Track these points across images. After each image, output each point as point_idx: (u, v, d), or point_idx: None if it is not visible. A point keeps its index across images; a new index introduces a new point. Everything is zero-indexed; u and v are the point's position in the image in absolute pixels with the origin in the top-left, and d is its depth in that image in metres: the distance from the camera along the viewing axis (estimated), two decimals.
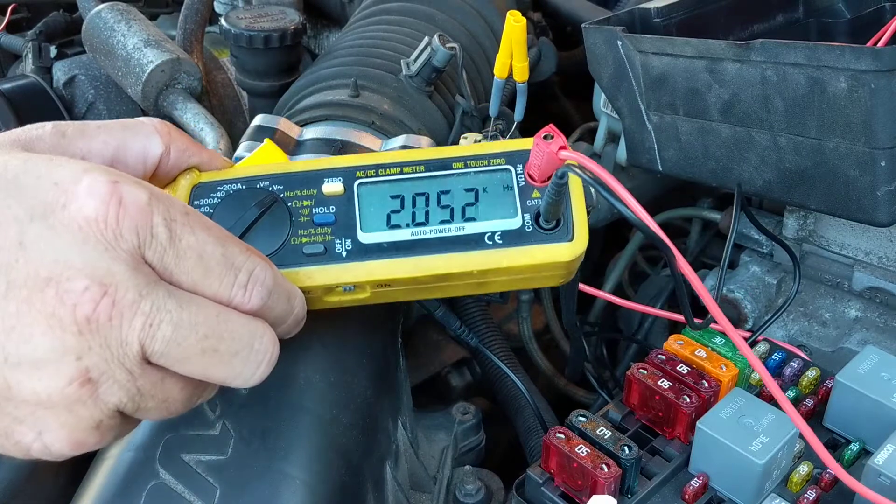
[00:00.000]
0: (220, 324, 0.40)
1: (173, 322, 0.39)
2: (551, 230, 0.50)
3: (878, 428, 0.52)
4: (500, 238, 0.50)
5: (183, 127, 0.92)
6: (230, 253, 0.42)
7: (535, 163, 0.49)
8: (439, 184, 0.51)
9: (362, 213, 0.50)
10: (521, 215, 0.50)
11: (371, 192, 0.51)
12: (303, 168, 0.51)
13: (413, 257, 0.49)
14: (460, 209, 0.50)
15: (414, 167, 0.51)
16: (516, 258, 0.50)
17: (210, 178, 0.50)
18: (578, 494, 0.50)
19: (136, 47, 0.91)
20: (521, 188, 0.51)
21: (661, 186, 0.94)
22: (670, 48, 0.67)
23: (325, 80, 0.82)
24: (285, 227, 0.49)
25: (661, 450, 0.53)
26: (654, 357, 0.56)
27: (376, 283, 0.49)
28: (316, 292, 0.49)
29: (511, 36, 0.67)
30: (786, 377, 0.59)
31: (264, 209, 0.49)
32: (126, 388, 0.39)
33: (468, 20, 0.96)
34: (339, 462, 0.53)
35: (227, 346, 0.41)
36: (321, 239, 0.49)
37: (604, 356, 0.97)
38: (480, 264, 0.49)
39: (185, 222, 0.40)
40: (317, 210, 0.50)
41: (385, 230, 0.49)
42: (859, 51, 0.55)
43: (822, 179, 0.63)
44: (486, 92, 0.83)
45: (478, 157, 0.52)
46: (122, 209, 0.38)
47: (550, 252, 0.50)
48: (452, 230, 0.50)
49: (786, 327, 0.75)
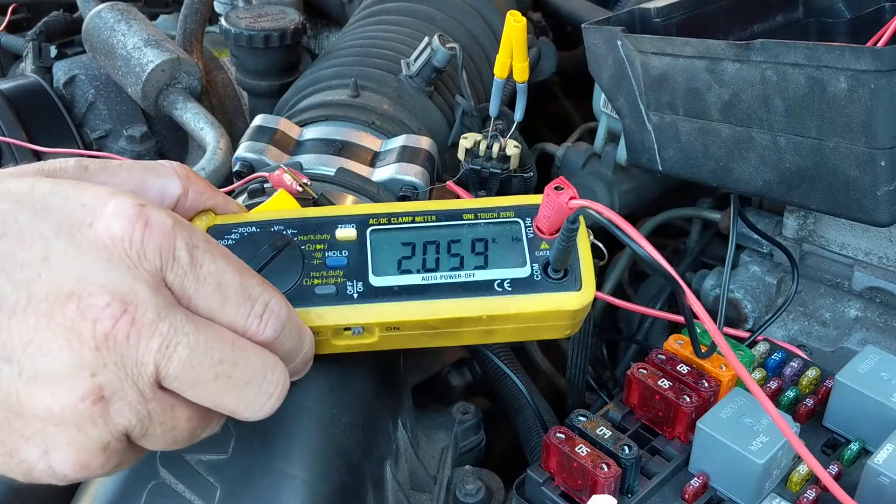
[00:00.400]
0: (235, 351, 0.41)
1: (190, 345, 0.39)
2: (560, 279, 0.51)
3: (877, 427, 0.52)
4: (510, 285, 0.51)
5: (183, 126, 0.92)
6: (248, 283, 0.42)
7: (546, 214, 0.51)
8: (450, 233, 0.53)
9: (374, 258, 0.51)
10: (530, 265, 0.52)
11: (383, 239, 0.52)
12: (317, 214, 0.53)
13: (423, 301, 0.50)
14: (470, 257, 0.52)
15: (426, 217, 0.53)
16: (525, 305, 0.51)
17: (225, 220, 0.51)
18: (578, 494, 0.50)
19: (136, 47, 0.91)
20: (530, 240, 0.53)
21: (661, 186, 0.94)
22: (670, 48, 0.67)
23: (325, 80, 0.82)
24: (298, 268, 0.50)
25: (661, 449, 0.53)
26: (655, 357, 0.56)
27: (386, 325, 0.50)
28: (325, 333, 0.50)
29: (511, 36, 0.67)
30: (786, 377, 0.59)
31: (278, 251, 0.50)
32: (136, 409, 0.39)
33: (468, 20, 0.96)
34: (339, 462, 0.53)
35: (241, 374, 0.41)
36: (333, 281, 0.50)
37: (604, 356, 0.97)
38: (490, 309, 0.50)
39: (207, 249, 0.41)
40: (329, 254, 0.51)
41: (396, 275, 0.51)
42: (859, 51, 0.56)
43: (822, 179, 0.63)
44: (486, 92, 0.83)
45: (488, 209, 0.54)
46: (148, 230, 0.39)
47: (559, 300, 0.51)
48: (462, 276, 0.51)
49: (786, 327, 0.75)
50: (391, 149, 0.71)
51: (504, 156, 0.70)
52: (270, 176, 0.62)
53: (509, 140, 0.71)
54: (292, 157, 0.70)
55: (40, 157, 0.92)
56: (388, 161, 0.70)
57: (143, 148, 0.95)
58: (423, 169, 0.69)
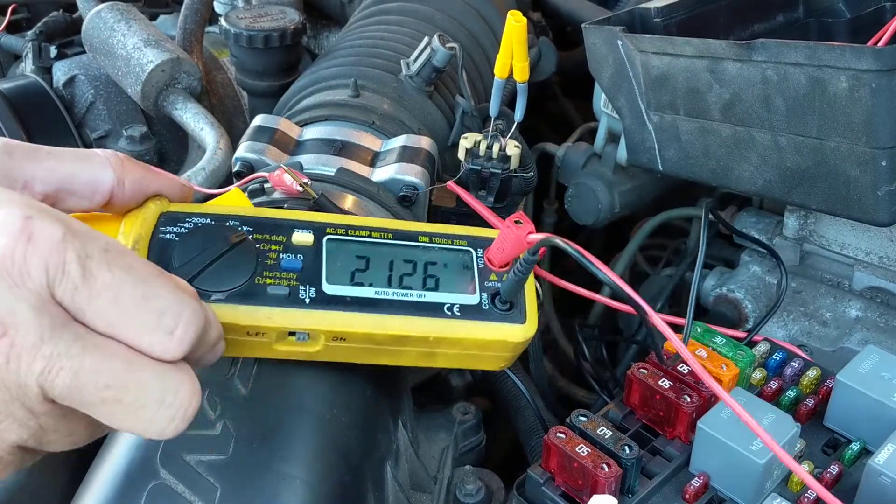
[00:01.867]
0: (127, 374, 0.38)
1: (73, 369, 0.36)
2: (506, 311, 0.53)
3: (878, 427, 0.52)
4: (459, 310, 0.52)
5: (183, 126, 0.92)
6: (154, 293, 0.39)
7: (501, 246, 0.53)
8: (404, 253, 0.53)
9: (328, 265, 0.51)
10: (479, 293, 0.53)
11: (338, 249, 0.52)
12: (274, 215, 0.52)
13: (374, 314, 0.50)
14: (422, 279, 0.52)
15: (382, 234, 0.54)
16: (472, 331, 0.51)
17: (179, 208, 0.50)
18: (579, 494, 0.49)
19: (136, 47, 0.91)
20: (481, 269, 0.54)
21: (661, 186, 0.94)
22: (671, 48, 0.67)
23: (325, 80, 0.81)
24: (251, 265, 0.49)
25: (662, 449, 0.53)
26: (655, 357, 0.56)
27: (333, 334, 0.50)
28: (269, 336, 0.49)
29: (511, 36, 0.67)
30: (786, 377, 0.59)
31: (232, 245, 0.49)
32: (27, 425, 0.38)
33: (468, 20, 0.96)
34: (339, 462, 0.53)
35: (133, 398, 0.38)
36: (286, 283, 0.49)
37: (604, 357, 0.97)
38: (438, 331, 0.51)
39: (103, 259, 0.38)
40: (284, 256, 0.50)
41: (349, 285, 0.51)
42: (860, 50, 0.55)
43: (822, 179, 0.63)
44: (487, 92, 0.83)
45: (443, 235, 0.55)
46: (32, 245, 0.36)
47: (505, 331, 0.52)
48: (414, 296, 0.52)
49: (786, 327, 0.75)
50: (391, 149, 0.71)
51: (504, 156, 0.70)
52: (270, 176, 0.62)
53: (509, 140, 0.71)
54: (292, 157, 0.70)
55: None
56: (388, 161, 0.70)
57: (143, 148, 0.95)
58: (424, 169, 0.69)
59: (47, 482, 0.64)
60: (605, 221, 0.91)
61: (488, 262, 0.54)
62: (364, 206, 0.66)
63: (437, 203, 0.73)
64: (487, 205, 0.70)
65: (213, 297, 0.47)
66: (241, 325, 0.48)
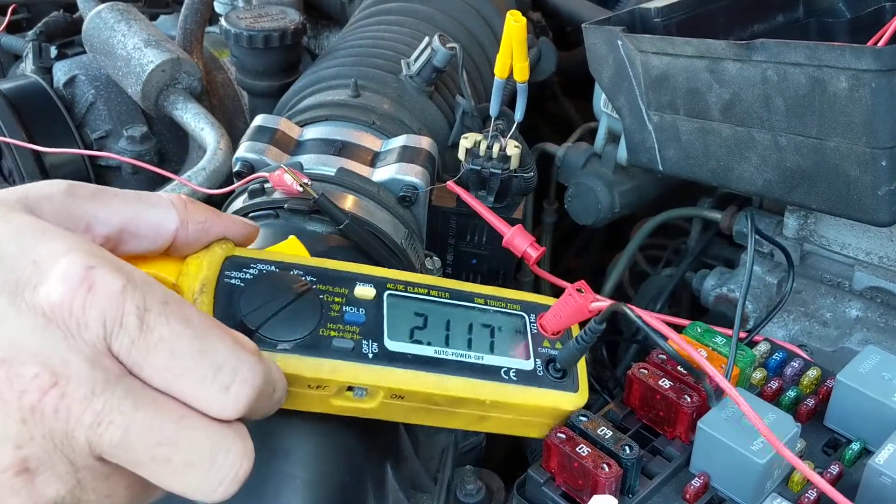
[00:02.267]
0: (180, 431, 0.37)
1: (124, 425, 0.36)
2: (560, 379, 0.52)
3: (878, 427, 0.52)
4: (515, 375, 0.51)
5: (183, 126, 0.92)
6: (211, 348, 0.38)
7: (558, 313, 0.53)
8: (461, 313, 0.53)
9: (389, 321, 0.50)
10: (534, 359, 0.53)
11: (398, 305, 0.52)
12: (337, 267, 0.52)
13: (436, 373, 0.50)
14: (479, 341, 0.52)
15: (439, 292, 0.54)
16: (528, 397, 0.51)
17: (244, 253, 0.50)
18: (579, 494, 0.49)
19: (136, 47, 0.91)
20: (534, 335, 0.54)
21: (661, 186, 0.94)
22: (671, 48, 0.67)
23: (325, 81, 0.82)
24: (316, 316, 0.48)
25: (662, 449, 0.53)
26: (655, 357, 0.56)
27: (393, 392, 0.49)
28: (330, 389, 0.48)
29: (511, 36, 0.67)
30: (787, 377, 0.59)
31: (298, 294, 0.49)
32: (66, 480, 0.37)
33: (468, 20, 0.96)
34: (339, 462, 0.53)
35: (184, 458, 0.37)
36: (350, 336, 0.49)
37: (604, 356, 0.97)
38: (495, 395, 0.50)
39: (161, 312, 0.37)
40: (347, 308, 0.50)
41: (408, 342, 0.50)
42: (860, 50, 0.56)
43: (822, 179, 0.63)
44: (487, 92, 0.83)
45: (497, 298, 0.55)
46: (91, 296, 0.36)
47: (558, 399, 0.52)
48: (472, 357, 0.51)
49: (786, 327, 0.75)
50: (391, 149, 0.71)
51: (504, 156, 0.70)
52: (271, 176, 0.62)
53: (510, 140, 0.71)
54: (292, 157, 0.70)
55: (40, 158, 0.92)
56: (388, 161, 0.70)
57: (144, 148, 0.95)
58: (424, 169, 0.69)
59: None
60: (605, 221, 0.91)
61: (541, 328, 0.54)
62: (364, 205, 0.66)
63: (437, 203, 0.74)
64: (487, 205, 0.70)
65: (280, 347, 0.47)
66: (305, 378, 0.47)
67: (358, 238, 0.62)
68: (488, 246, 0.76)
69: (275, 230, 0.62)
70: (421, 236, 0.71)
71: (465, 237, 0.76)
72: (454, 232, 0.76)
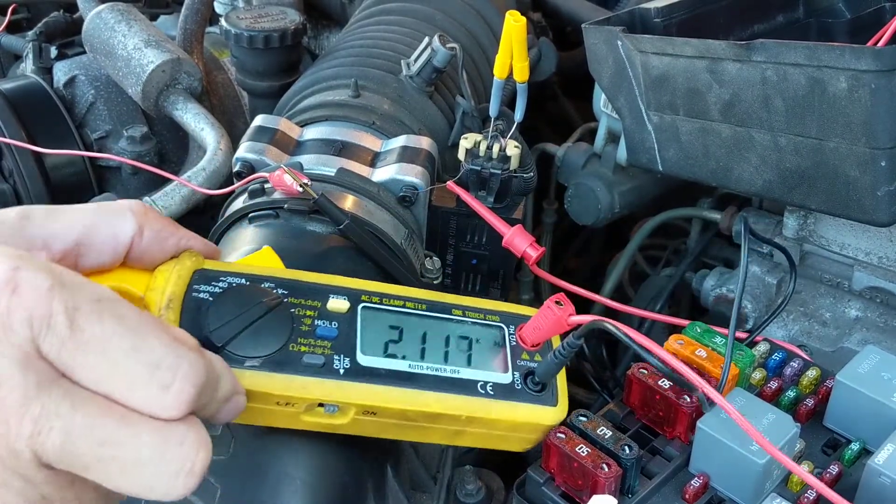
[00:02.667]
0: (122, 428, 0.35)
1: (64, 429, 0.34)
2: (538, 393, 0.51)
3: (878, 427, 0.52)
4: (492, 389, 0.50)
5: (183, 127, 0.92)
6: (147, 346, 0.36)
7: (538, 325, 0.52)
8: (437, 326, 0.52)
9: (363, 335, 0.49)
10: (512, 372, 0.52)
11: (373, 318, 0.50)
12: (310, 279, 0.51)
13: (410, 389, 0.48)
14: (455, 354, 0.51)
15: (416, 304, 0.52)
16: (505, 412, 0.50)
17: (213, 266, 0.49)
18: (579, 494, 0.50)
19: (136, 47, 0.91)
20: (513, 347, 0.53)
21: (661, 186, 0.94)
22: (670, 48, 0.67)
23: (325, 81, 0.82)
24: (286, 331, 0.47)
25: (662, 449, 0.53)
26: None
27: (365, 408, 0.48)
28: (299, 406, 0.47)
29: (511, 36, 0.67)
30: (786, 377, 0.59)
31: (269, 309, 0.47)
32: (27, 496, 0.35)
33: (468, 20, 0.96)
34: (339, 462, 0.53)
35: (130, 455, 0.35)
36: (321, 351, 0.47)
37: (604, 356, 0.97)
38: (471, 410, 0.49)
39: (93, 310, 0.35)
40: (319, 322, 0.48)
41: (382, 357, 0.49)
42: (859, 51, 0.56)
43: (822, 179, 0.63)
44: (486, 92, 0.83)
45: (476, 309, 0.54)
46: (16, 298, 0.34)
47: (536, 413, 0.51)
48: (448, 371, 0.50)
49: (786, 327, 0.76)
50: (391, 149, 0.71)
51: (504, 156, 0.70)
52: (271, 176, 0.62)
53: (509, 140, 0.71)
54: (292, 157, 0.70)
55: (40, 158, 0.92)
56: (388, 161, 0.70)
57: (144, 148, 0.95)
58: (424, 169, 0.69)
59: None
60: (604, 221, 0.91)
61: (520, 339, 0.53)
62: (364, 206, 0.66)
63: (437, 203, 0.74)
64: (487, 205, 0.70)
65: (248, 364, 0.45)
66: (274, 395, 0.46)
67: (358, 238, 0.62)
68: (488, 246, 0.76)
69: (275, 230, 0.63)
70: (421, 236, 0.71)
71: (465, 237, 0.76)
72: (454, 232, 0.76)
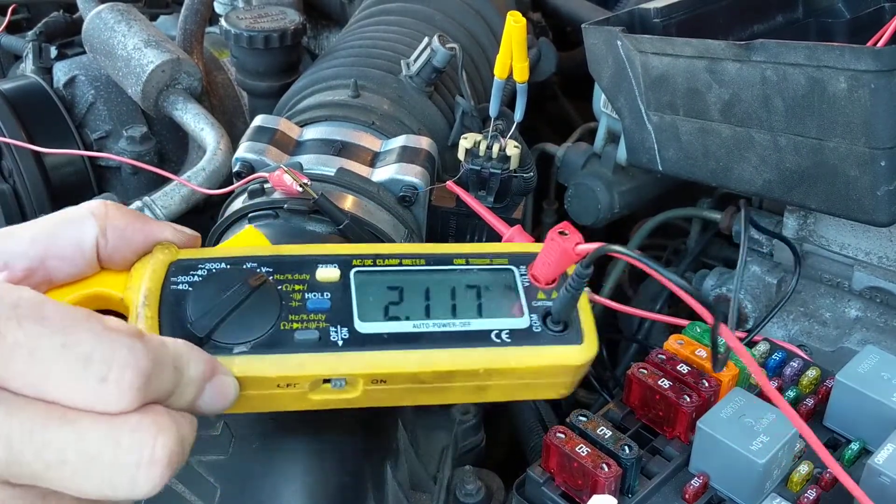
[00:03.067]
0: (64, 427, 0.33)
1: (3, 436, 0.33)
2: (560, 332, 0.48)
3: (878, 427, 0.52)
4: (508, 336, 0.47)
5: (183, 127, 0.92)
6: (75, 341, 0.34)
7: (546, 261, 0.48)
8: (440, 278, 0.49)
9: (359, 301, 0.46)
10: (529, 315, 0.48)
11: (368, 282, 0.47)
12: (295, 252, 0.48)
13: (416, 350, 0.45)
14: (464, 305, 0.48)
15: (414, 260, 0.49)
16: (526, 358, 0.46)
17: (190, 255, 0.46)
18: (579, 494, 0.50)
19: (136, 47, 0.91)
20: (526, 289, 0.49)
21: (661, 186, 0.94)
22: (670, 48, 0.67)
23: (325, 81, 0.82)
24: (275, 310, 0.45)
25: (662, 449, 0.53)
26: (655, 357, 0.56)
27: (373, 377, 0.45)
28: (302, 386, 0.44)
29: (511, 36, 0.67)
30: (786, 377, 0.59)
31: (252, 290, 0.45)
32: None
33: (468, 20, 0.97)
34: (339, 462, 0.53)
35: (79, 454, 0.34)
36: (315, 325, 0.45)
37: (604, 356, 0.97)
38: (488, 362, 0.46)
39: (11, 316, 0.34)
40: (310, 295, 0.46)
41: (383, 321, 0.46)
42: (859, 51, 0.56)
43: (822, 179, 0.63)
44: (486, 92, 0.83)
45: (480, 255, 0.50)
46: None
47: (561, 354, 0.47)
48: (458, 325, 0.47)
49: (786, 327, 0.76)
50: (391, 149, 0.71)
51: (504, 156, 0.70)
52: (270, 176, 0.62)
53: (509, 140, 0.71)
54: (292, 157, 0.70)
55: (40, 158, 0.92)
56: (388, 161, 0.70)
57: (144, 148, 0.95)
58: (423, 169, 0.69)
59: None
60: (604, 221, 0.91)
61: (533, 279, 0.49)
62: (364, 206, 0.66)
63: (437, 203, 0.74)
64: (487, 205, 0.70)
65: (237, 350, 0.43)
66: (271, 378, 0.44)
67: (357, 238, 0.62)
68: None
69: (274, 230, 0.63)
70: (421, 236, 0.71)
71: (465, 237, 0.76)
72: (454, 232, 0.76)
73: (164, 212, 0.82)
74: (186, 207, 0.84)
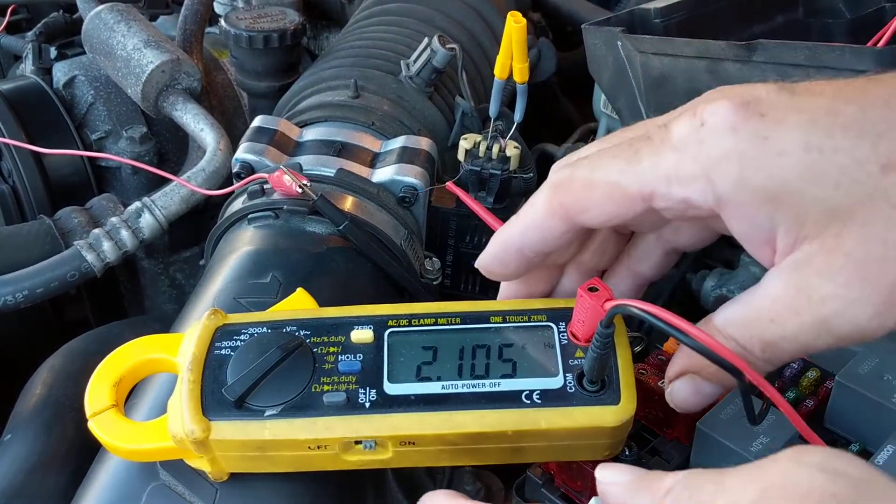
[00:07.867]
0: None
1: None
2: (596, 392, 0.46)
3: (878, 428, 0.52)
4: (539, 397, 0.46)
5: (183, 127, 0.92)
6: None
7: (580, 318, 0.47)
8: (475, 337, 0.48)
9: (391, 363, 0.47)
10: (563, 374, 0.46)
11: (402, 343, 0.48)
12: (333, 314, 0.49)
13: (441, 412, 0.45)
14: (497, 365, 0.47)
15: (449, 319, 0.49)
16: (555, 419, 0.45)
17: (236, 320, 0.48)
18: (578, 495, 0.49)
19: (136, 48, 0.91)
20: (563, 346, 0.47)
21: None
22: (670, 49, 0.67)
23: (324, 81, 0.82)
24: (307, 373, 0.46)
25: (661, 450, 0.53)
26: (655, 357, 0.56)
27: (400, 439, 0.45)
28: (333, 447, 0.45)
29: (511, 36, 0.67)
30: (786, 378, 0.59)
31: (287, 353, 0.46)
32: None
33: (468, 20, 0.97)
34: None
35: None
36: (344, 388, 0.45)
37: None
38: (515, 424, 0.45)
39: None
40: (343, 357, 0.47)
41: (413, 382, 0.46)
42: (860, 51, 0.56)
43: None
44: (486, 92, 0.83)
45: (518, 312, 0.49)
46: None
47: (593, 415, 0.45)
48: (487, 386, 0.46)
49: None
50: (391, 150, 0.71)
51: (504, 156, 0.70)
52: (270, 177, 0.62)
53: (509, 141, 0.71)
54: (292, 158, 0.70)
55: (40, 158, 0.92)
56: (387, 162, 0.70)
57: (143, 149, 0.96)
58: (423, 170, 0.69)
59: (47, 482, 0.64)
60: None
61: (572, 336, 0.48)
62: (364, 206, 0.66)
63: (437, 204, 0.74)
64: (487, 206, 0.70)
65: (268, 414, 0.44)
66: (301, 440, 0.44)
67: (357, 239, 0.62)
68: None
69: (274, 231, 0.63)
70: (420, 237, 0.71)
71: (465, 238, 0.76)
72: (454, 233, 0.76)
73: (163, 212, 0.82)
74: (186, 208, 0.84)
